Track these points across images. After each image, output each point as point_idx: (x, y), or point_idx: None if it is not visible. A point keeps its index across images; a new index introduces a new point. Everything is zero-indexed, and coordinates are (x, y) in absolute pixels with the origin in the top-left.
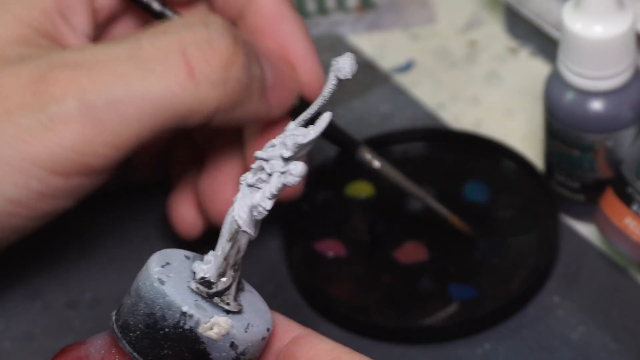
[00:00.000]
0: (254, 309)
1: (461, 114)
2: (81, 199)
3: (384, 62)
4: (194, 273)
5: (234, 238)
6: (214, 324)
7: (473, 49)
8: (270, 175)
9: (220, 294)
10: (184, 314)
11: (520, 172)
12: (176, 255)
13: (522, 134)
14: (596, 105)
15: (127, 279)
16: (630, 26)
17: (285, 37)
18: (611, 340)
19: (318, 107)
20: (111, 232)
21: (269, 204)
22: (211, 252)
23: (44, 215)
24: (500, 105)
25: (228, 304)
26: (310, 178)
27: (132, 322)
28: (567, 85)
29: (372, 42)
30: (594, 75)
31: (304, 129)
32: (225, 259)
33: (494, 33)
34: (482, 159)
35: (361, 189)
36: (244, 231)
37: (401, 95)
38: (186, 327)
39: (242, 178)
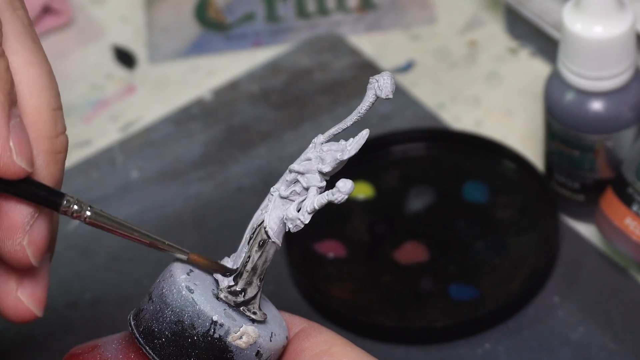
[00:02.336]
0: (272, 317)
1: (461, 114)
2: None
3: (384, 62)
4: (217, 281)
5: (262, 248)
6: (243, 333)
7: (473, 49)
8: (306, 189)
9: (246, 303)
10: (214, 322)
11: (520, 172)
12: (191, 265)
13: (522, 134)
14: (596, 105)
15: (127, 279)
16: (630, 26)
17: None
18: (611, 340)
19: (352, 122)
20: None
21: (308, 219)
22: (227, 259)
23: None
24: (500, 105)
25: (255, 313)
26: None
27: (156, 329)
28: (567, 86)
29: (372, 43)
30: (594, 75)
31: (340, 144)
32: (253, 268)
33: (494, 33)
34: (482, 159)
35: (361, 190)
36: (273, 242)
37: (401, 96)
38: (215, 335)
39: (273, 189)
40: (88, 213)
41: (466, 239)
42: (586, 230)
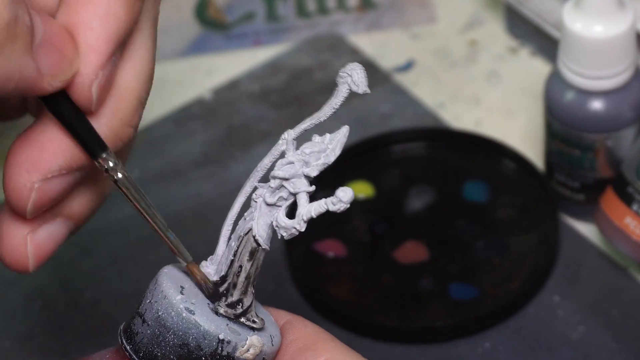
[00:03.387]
0: (266, 318)
1: (461, 114)
2: None
3: (384, 62)
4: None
5: (253, 256)
6: (250, 346)
7: (473, 48)
8: (293, 194)
9: (245, 313)
10: (221, 341)
11: (520, 172)
12: (177, 273)
13: (522, 134)
14: (596, 105)
15: (127, 279)
16: (631, 26)
17: (82, 20)
18: (611, 340)
19: (326, 117)
20: (111, 232)
21: (304, 227)
22: (205, 263)
23: None
24: (500, 105)
25: (254, 321)
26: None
27: (159, 354)
28: (567, 85)
29: (372, 42)
30: (594, 75)
31: (319, 144)
32: (247, 277)
33: (494, 33)
34: (482, 159)
35: (361, 189)
36: (264, 249)
37: (401, 95)
38: (223, 353)
39: (257, 195)
40: (119, 175)
41: (466, 239)
42: (586, 229)
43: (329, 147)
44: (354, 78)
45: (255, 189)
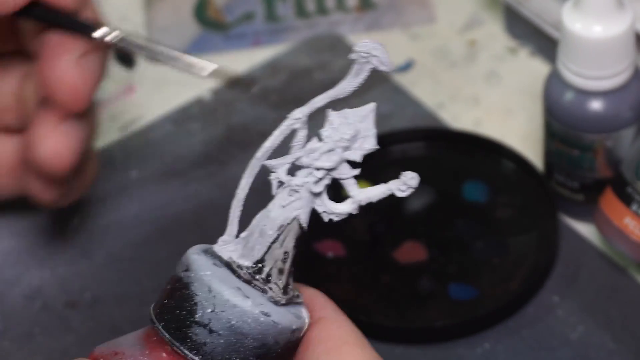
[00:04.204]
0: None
1: (461, 114)
2: None
3: None
4: (247, 280)
5: (298, 242)
6: (306, 323)
7: (473, 48)
8: (337, 180)
9: (294, 294)
10: (293, 331)
11: (520, 172)
12: (217, 271)
13: (522, 134)
14: (595, 105)
15: (126, 278)
16: (630, 26)
17: None
18: (611, 340)
19: (344, 95)
20: (111, 232)
21: (356, 210)
22: (222, 247)
23: None
24: (499, 105)
25: (297, 296)
26: None
27: (239, 359)
28: (567, 85)
29: None
30: (594, 75)
31: (351, 124)
32: (292, 262)
33: (494, 33)
34: (482, 159)
35: None
36: (304, 233)
37: (401, 95)
38: (294, 339)
39: (302, 183)
40: (118, 36)
41: (466, 239)
42: (585, 229)
43: (366, 130)
44: (381, 58)
45: (263, 169)
